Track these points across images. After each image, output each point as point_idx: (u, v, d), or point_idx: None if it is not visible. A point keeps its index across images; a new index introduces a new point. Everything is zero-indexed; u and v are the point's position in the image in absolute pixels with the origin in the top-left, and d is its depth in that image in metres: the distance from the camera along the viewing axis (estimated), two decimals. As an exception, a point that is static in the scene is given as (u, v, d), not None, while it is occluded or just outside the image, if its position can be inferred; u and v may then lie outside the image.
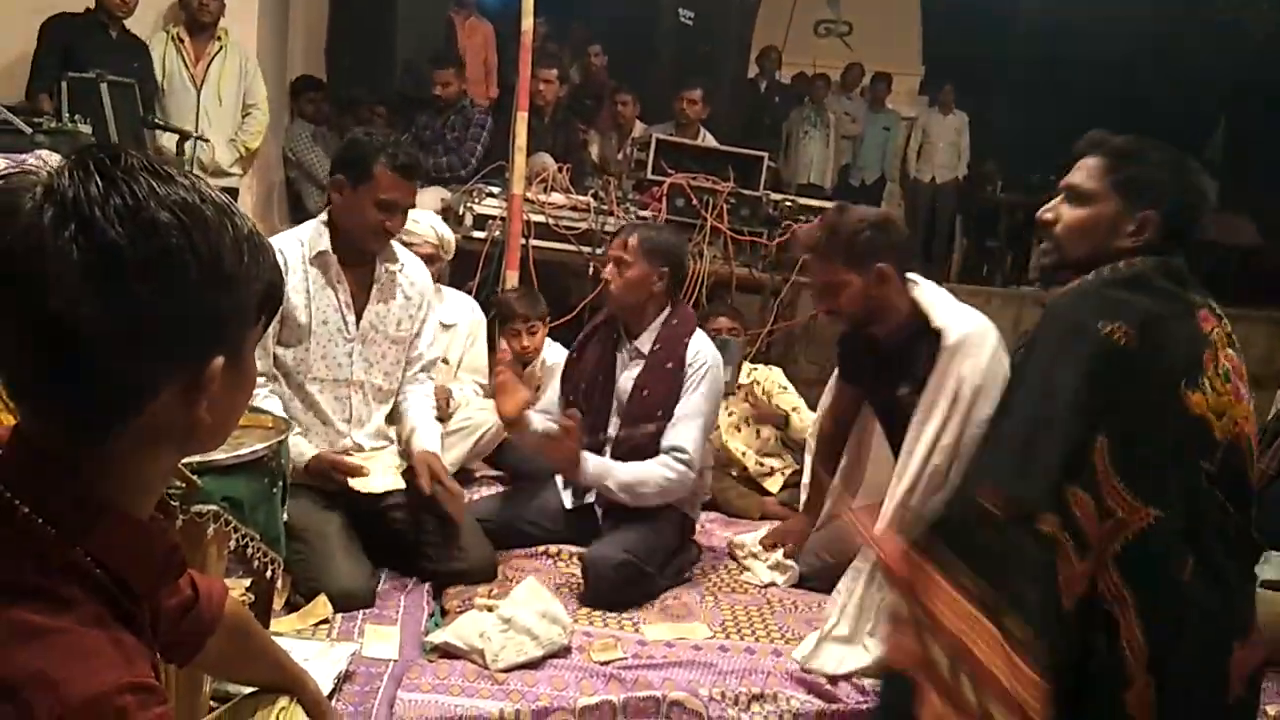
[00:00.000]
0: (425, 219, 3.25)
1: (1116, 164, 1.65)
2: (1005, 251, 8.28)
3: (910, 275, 2.39)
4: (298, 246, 2.47)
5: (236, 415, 0.85)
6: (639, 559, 2.50)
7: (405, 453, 2.60)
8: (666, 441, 2.66)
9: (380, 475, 2.49)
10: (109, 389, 0.71)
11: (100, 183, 0.69)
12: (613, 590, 2.45)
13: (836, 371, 2.77)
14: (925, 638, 1.48)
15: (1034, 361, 1.57)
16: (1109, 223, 1.63)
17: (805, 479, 2.99)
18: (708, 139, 5.36)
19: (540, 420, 2.75)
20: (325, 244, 2.47)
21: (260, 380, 2.37)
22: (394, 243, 2.60)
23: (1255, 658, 1.56)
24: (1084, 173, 1.68)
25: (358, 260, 2.51)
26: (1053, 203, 1.72)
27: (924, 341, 2.24)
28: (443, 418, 3.01)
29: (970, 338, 2.16)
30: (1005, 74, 9.48)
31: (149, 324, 0.70)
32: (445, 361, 3.35)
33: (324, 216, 2.52)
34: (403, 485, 2.49)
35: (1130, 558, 1.47)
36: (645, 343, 2.77)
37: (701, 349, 2.75)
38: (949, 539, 1.51)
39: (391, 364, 2.62)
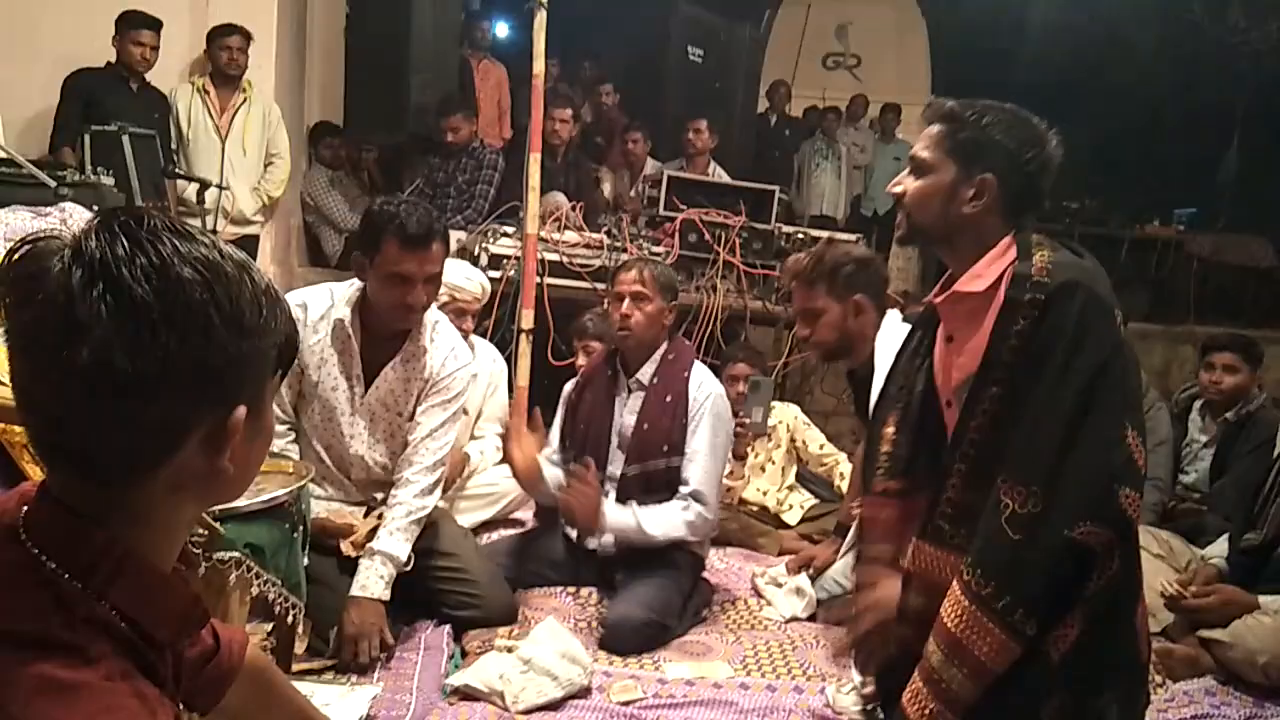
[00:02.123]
0: (474, 277, 3.23)
1: (952, 130, 1.60)
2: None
3: (890, 311, 2.57)
4: (327, 304, 2.40)
5: (256, 465, 0.87)
6: (659, 615, 2.51)
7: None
8: (684, 490, 2.67)
9: (367, 535, 2.37)
10: (137, 439, 0.74)
11: (126, 243, 0.72)
12: (633, 647, 2.45)
13: None
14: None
15: (1062, 352, 1.45)
16: (949, 189, 1.59)
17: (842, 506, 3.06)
18: (718, 172, 5.40)
19: (553, 472, 2.74)
20: (346, 313, 2.36)
21: (283, 429, 2.39)
22: (437, 326, 2.47)
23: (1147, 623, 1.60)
24: (923, 142, 1.65)
25: (387, 331, 2.39)
26: (901, 174, 1.69)
27: None
28: (452, 479, 2.98)
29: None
30: (1015, 102, 9.50)
31: (175, 375, 0.72)
32: (465, 412, 3.34)
33: (359, 285, 2.40)
34: None
35: None
36: (644, 376, 2.78)
37: (704, 381, 2.76)
38: (956, 528, 1.52)
39: (400, 445, 2.46)
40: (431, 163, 5.13)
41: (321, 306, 2.39)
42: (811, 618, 2.74)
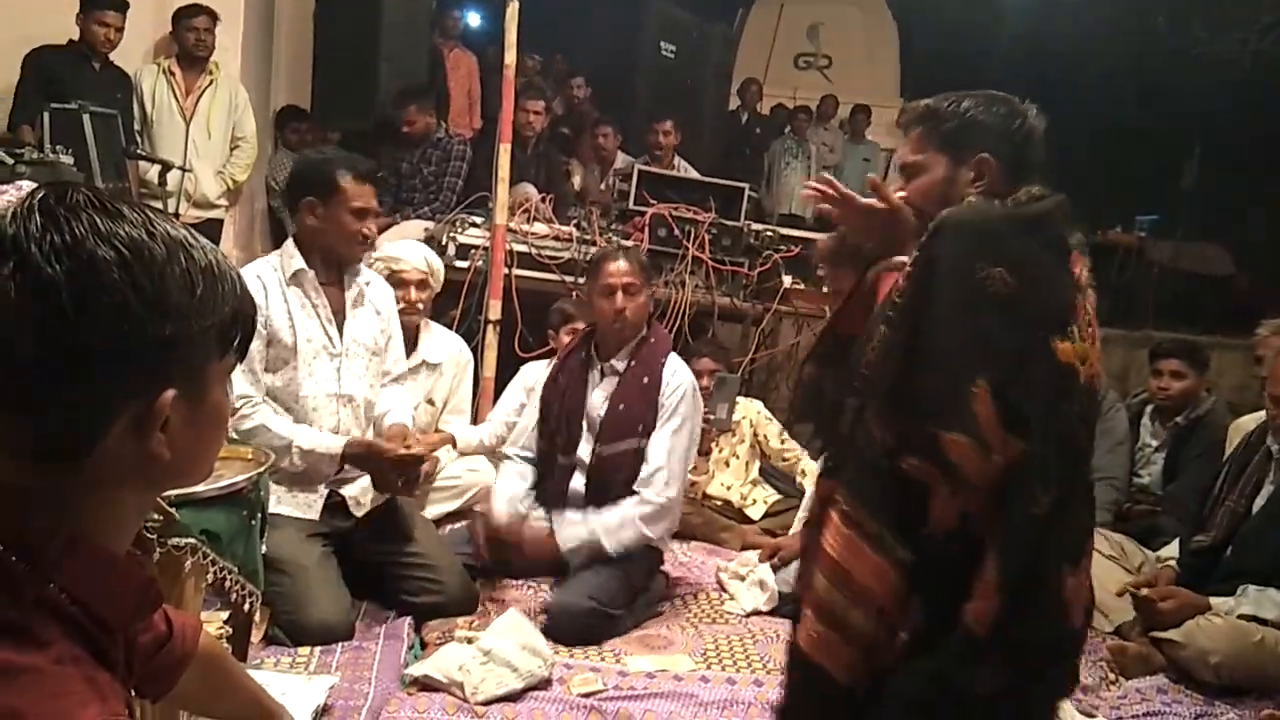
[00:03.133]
0: (417, 250, 3.23)
1: (933, 126, 1.63)
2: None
3: None
4: (272, 271, 2.49)
5: (209, 448, 0.84)
6: (603, 604, 2.50)
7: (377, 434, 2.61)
8: (645, 474, 2.66)
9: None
10: (57, 422, 0.72)
11: (40, 220, 0.70)
12: (575, 635, 2.44)
13: None
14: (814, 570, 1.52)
15: (918, 298, 1.49)
16: (947, 181, 1.61)
17: (806, 501, 3.03)
18: (685, 168, 5.40)
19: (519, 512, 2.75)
20: (300, 263, 2.48)
21: (255, 399, 2.39)
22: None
23: (1089, 590, 1.60)
24: (908, 146, 1.67)
25: (329, 278, 2.54)
26: (898, 182, 1.70)
27: None
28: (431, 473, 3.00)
29: None
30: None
31: (88, 358, 0.70)
32: (431, 403, 3.32)
33: (291, 240, 2.55)
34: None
35: (1000, 491, 1.47)
36: (620, 362, 2.77)
37: (678, 370, 2.76)
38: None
39: (374, 376, 2.63)
40: (395, 150, 5.08)
41: (270, 274, 2.49)
42: (773, 611, 2.75)
